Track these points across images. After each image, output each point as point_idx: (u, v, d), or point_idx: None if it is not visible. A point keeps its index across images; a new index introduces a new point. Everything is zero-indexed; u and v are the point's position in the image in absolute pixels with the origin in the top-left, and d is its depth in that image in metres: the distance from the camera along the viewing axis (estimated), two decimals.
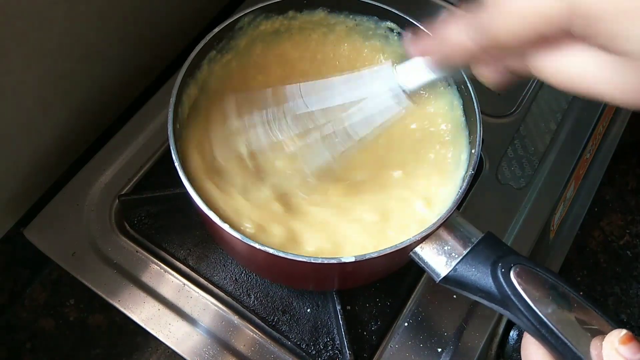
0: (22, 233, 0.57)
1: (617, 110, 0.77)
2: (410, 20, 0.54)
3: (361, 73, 0.45)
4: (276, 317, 0.55)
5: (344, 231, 0.49)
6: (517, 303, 0.38)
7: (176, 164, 0.44)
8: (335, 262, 0.41)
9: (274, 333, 0.55)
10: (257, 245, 0.41)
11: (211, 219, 0.42)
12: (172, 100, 0.47)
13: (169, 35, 0.69)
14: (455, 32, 0.34)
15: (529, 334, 0.39)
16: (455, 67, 0.41)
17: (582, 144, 0.68)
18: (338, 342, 0.54)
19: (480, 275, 0.41)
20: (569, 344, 0.36)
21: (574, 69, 0.29)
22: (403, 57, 0.43)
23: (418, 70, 0.41)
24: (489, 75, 0.36)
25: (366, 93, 0.44)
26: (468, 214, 0.60)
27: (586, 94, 0.29)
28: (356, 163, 0.53)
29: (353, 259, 0.41)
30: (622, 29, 0.25)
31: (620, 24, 0.25)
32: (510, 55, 0.33)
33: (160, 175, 0.62)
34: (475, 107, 0.49)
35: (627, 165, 0.83)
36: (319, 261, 0.41)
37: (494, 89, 0.37)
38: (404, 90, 0.42)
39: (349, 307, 0.56)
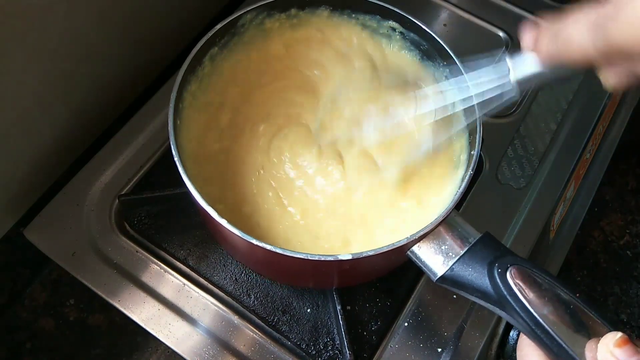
0: (22, 233, 0.57)
1: (617, 110, 0.77)
2: (412, 19, 0.54)
3: (481, 69, 0.44)
4: (276, 317, 0.55)
5: (348, 229, 0.49)
6: (513, 304, 0.38)
7: (176, 159, 0.44)
8: (332, 259, 0.41)
9: (274, 333, 0.55)
10: (254, 242, 0.41)
11: (210, 215, 0.42)
12: (173, 96, 0.47)
13: (169, 35, 0.69)
14: (575, 32, 0.31)
15: (525, 334, 0.39)
16: (568, 67, 0.37)
17: (582, 144, 0.68)
18: (338, 342, 0.54)
19: (477, 275, 0.41)
20: (564, 345, 0.36)
21: None
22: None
23: (529, 64, 0.39)
24: (613, 80, 0.34)
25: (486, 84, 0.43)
26: (468, 214, 0.61)
27: None
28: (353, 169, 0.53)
29: (350, 257, 0.41)
30: None
31: None
32: (636, 61, 0.31)
33: (160, 175, 0.62)
34: (475, 107, 0.49)
35: (627, 165, 0.83)
36: (316, 258, 0.41)
37: (612, 91, 0.35)
38: (511, 80, 0.40)
39: (349, 307, 0.56)
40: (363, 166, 0.52)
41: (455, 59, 0.51)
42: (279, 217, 0.50)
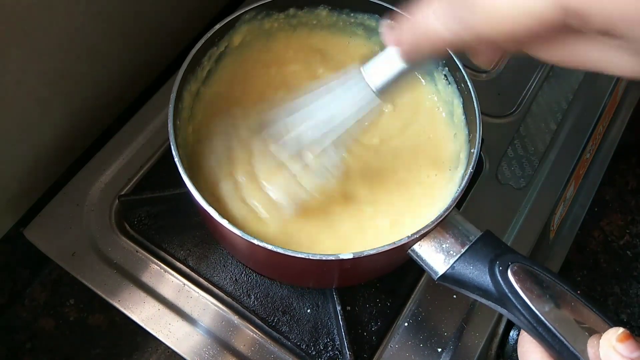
0: (22, 233, 0.57)
1: (617, 110, 0.77)
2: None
3: (330, 85, 0.43)
4: (276, 318, 0.55)
5: (352, 233, 0.49)
6: (515, 301, 0.38)
7: (176, 159, 0.44)
8: (333, 258, 0.41)
9: (274, 333, 0.55)
10: (255, 241, 0.41)
11: (210, 215, 0.42)
12: (173, 96, 0.47)
13: (169, 35, 0.69)
14: (429, 18, 0.31)
15: (526, 331, 0.39)
16: (427, 57, 0.37)
17: (582, 144, 0.68)
18: (338, 342, 0.54)
19: (478, 273, 0.41)
20: (565, 342, 0.36)
21: (576, 56, 0.29)
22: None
23: (387, 64, 0.38)
24: (478, 58, 0.34)
25: (341, 103, 0.42)
26: (468, 214, 0.60)
27: (592, 70, 0.29)
28: (354, 171, 0.53)
29: (351, 256, 0.41)
30: (616, 19, 0.24)
31: (613, 15, 0.24)
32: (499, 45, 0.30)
33: (160, 176, 0.62)
34: (475, 106, 0.49)
35: (627, 165, 0.83)
36: (317, 257, 0.41)
37: (486, 67, 0.35)
38: (372, 90, 0.40)
39: (349, 308, 0.56)
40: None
41: (461, 67, 0.50)
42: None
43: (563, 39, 0.28)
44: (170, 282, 0.56)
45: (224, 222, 0.42)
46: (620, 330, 0.33)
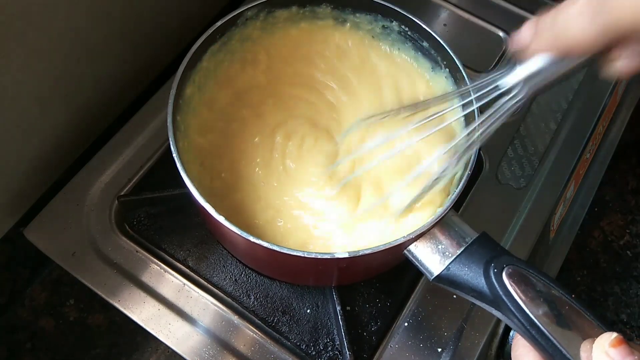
0: (22, 233, 0.57)
1: (617, 110, 0.77)
2: (413, 19, 0.54)
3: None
4: (276, 318, 0.55)
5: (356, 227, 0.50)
6: (509, 303, 0.38)
7: (176, 159, 0.44)
8: (329, 257, 0.41)
9: (274, 333, 0.55)
10: (252, 239, 0.41)
11: (210, 214, 0.42)
12: (172, 95, 0.47)
13: (169, 35, 0.69)
14: (572, 17, 0.30)
15: (520, 334, 0.39)
16: (570, 58, 0.35)
17: (582, 144, 0.68)
18: (338, 342, 0.54)
19: (473, 275, 0.41)
20: (559, 345, 0.36)
21: None
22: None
23: (533, 62, 0.37)
24: (613, 62, 0.32)
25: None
26: (468, 214, 0.61)
27: None
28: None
29: (347, 255, 0.41)
30: None
31: None
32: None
33: (160, 176, 0.62)
34: (475, 106, 0.49)
35: (627, 165, 0.83)
36: (313, 256, 0.41)
37: (621, 77, 0.33)
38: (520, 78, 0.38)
39: (348, 308, 0.56)
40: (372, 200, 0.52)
41: (461, 67, 0.50)
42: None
43: None
44: (170, 282, 0.56)
45: (221, 219, 0.42)
46: (614, 335, 0.33)
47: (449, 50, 0.52)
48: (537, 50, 0.35)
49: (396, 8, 0.55)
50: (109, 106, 0.66)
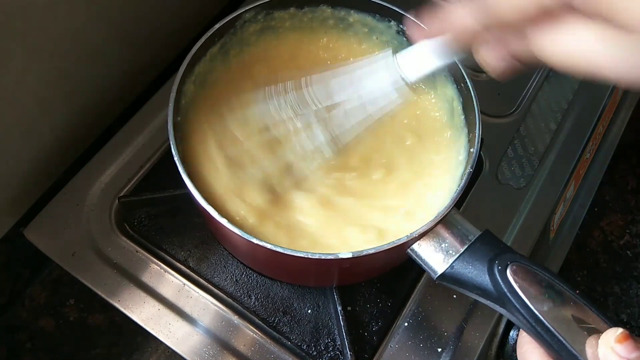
0: (22, 233, 0.57)
1: (617, 110, 0.77)
2: (413, 19, 0.54)
3: (361, 64, 0.45)
4: (277, 318, 0.55)
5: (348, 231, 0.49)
6: (514, 300, 0.38)
7: (176, 159, 0.44)
8: (333, 257, 0.41)
9: (275, 333, 0.55)
10: (254, 240, 0.41)
11: (210, 214, 0.42)
12: (172, 95, 0.47)
13: (169, 36, 0.69)
14: (457, 12, 0.34)
15: (525, 331, 0.39)
16: (458, 50, 0.39)
17: (582, 144, 0.68)
18: (339, 342, 0.54)
19: (477, 273, 0.41)
20: (564, 342, 0.36)
21: (576, 46, 0.29)
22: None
23: (420, 58, 0.41)
24: (492, 61, 0.35)
25: (368, 84, 0.44)
26: (468, 214, 0.60)
27: (589, 72, 0.29)
28: (353, 164, 0.53)
29: (350, 255, 0.41)
30: (620, 1, 0.25)
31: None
32: (512, 36, 0.33)
33: (160, 176, 0.62)
34: (475, 105, 0.49)
35: (627, 165, 0.83)
36: (316, 257, 0.41)
37: (497, 77, 0.36)
38: (404, 81, 0.42)
39: (349, 308, 0.56)
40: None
41: (461, 67, 0.51)
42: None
43: (565, 24, 0.29)
44: (170, 282, 0.56)
45: (224, 221, 0.42)
46: (619, 330, 0.33)
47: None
48: (431, 34, 0.39)
49: (395, 8, 0.55)
50: (109, 106, 0.66)
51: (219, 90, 0.56)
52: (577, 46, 0.29)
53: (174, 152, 0.45)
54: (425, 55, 0.40)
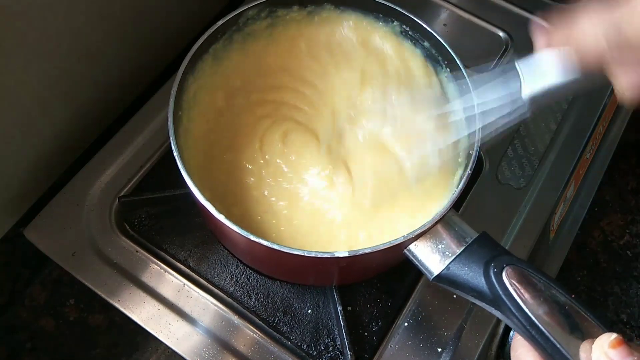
0: (22, 233, 0.57)
1: (617, 110, 0.77)
2: (414, 18, 0.54)
3: (487, 77, 0.42)
4: (277, 318, 0.55)
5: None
6: (508, 303, 0.39)
7: (176, 159, 0.44)
8: (329, 256, 0.41)
9: (275, 333, 0.55)
10: (253, 238, 0.41)
11: (210, 212, 0.42)
12: (173, 95, 0.47)
13: (169, 35, 0.69)
14: (588, 26, 0.31)
15: (519, 334, 0.39)
16: (586, 67, 0.35)
17: (582, 144, 0.68)
18: (339, 342, 0.54)
19: (473, 275, 0.42)
20: (558, 346, 0.36)
21: None
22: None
23: (540, 69, 0.37)
24: (625, 85, 0.33)
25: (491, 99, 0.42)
26: (468, 214, 0.61)
27: None
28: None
29: (347, 254, 0.41)
30: None
31: None
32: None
33: (161, 176, 0.62)
34: (475, 105, 0.49)
35: (627, 165, 0.83)
36: (313, 255, 0.41)
37: (627, 99, 0.33)
38: (525, 97, 0.39)
39: (349, 308, 0.56)
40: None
41: (461, 67, 0.50)
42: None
43: None
44: (170, 282, 0.56)
45: (221, 218, 0.42)
46: (613, 335, 0.33)
47: (449, 50, 0.52)
48: (555, 44, 0.36)
49: (397, 8, 0.55)
50: (109, 106, 0.66)
51: (220, 90, 0.56)
52: None
53: (174, 151, 0.45)
54: (546, 66, 0.37)
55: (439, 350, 0.54)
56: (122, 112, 0.67)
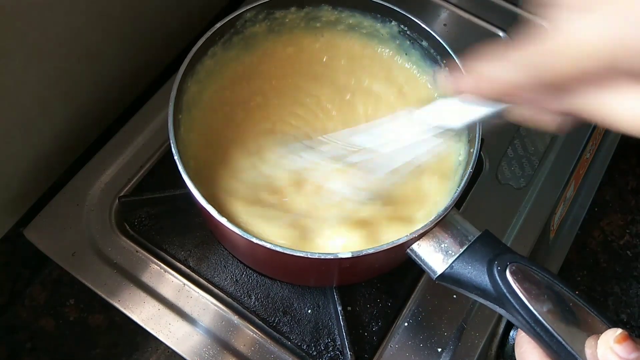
0: (22, 233, 0.57)
1: None
2: (413, 18, 0.54)
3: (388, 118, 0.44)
4: (277, 318, 0.55)
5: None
6: (513, 301, 0.38)
7: (176, 159, 0.44)
8: (332, 257, 0.41)
9: (275, 333, 0.55)
10: (254, 240, 0.41)
11: (210, 214, 0.42)
12: (173, 95, 0.47)
13: (169, 35, 0.69)
14: (498, 69, 0.31)
15: (524, 332, 0.39)
16: (496, 104, 0.36)
17: (582, 144, 0.68)
18: (339, 342, 0.54)
19: (476, 273, 0.41)
20: (563, 342, 0.36)
21: (627, 109, 0.27)
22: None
23: (460, 108, 0.38)
24: (544, 123, 0.33)
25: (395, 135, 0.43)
26: (468, 214, 0.61)
27: (623, 127, 0.28)
28: None
29: (350, 255, 0.41)
30: None
31: None
32: (558, 95, 0.30)
33: (161, 176, 0.62)
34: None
35: (627, 165, 0.83)
36: (316, 256, 0.41)
37: (554, 132, 0.33)
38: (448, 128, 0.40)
39: (349, 308, 0.56)
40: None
41: (461, 67, 0.50)
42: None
43: (614, 87, 0.27)
44: (170, 282, 0.56)
45: (223, 221, 0.42)
46: (619, 331, 0.33)
47: (449, 50, 0.52)
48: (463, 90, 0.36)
49: (396, 8, 0.55)
50: (109, 106, 0.66)
51: (220, 90, 0.56)
52: (628, 109, 0.27)
53: (174, 151, 0.45)
54: (459, 107, 0.38)
55: (439, 350, 0.54)
56: (122, 112, 0.67)
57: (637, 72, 0.26)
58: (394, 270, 0.56)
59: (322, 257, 0.41)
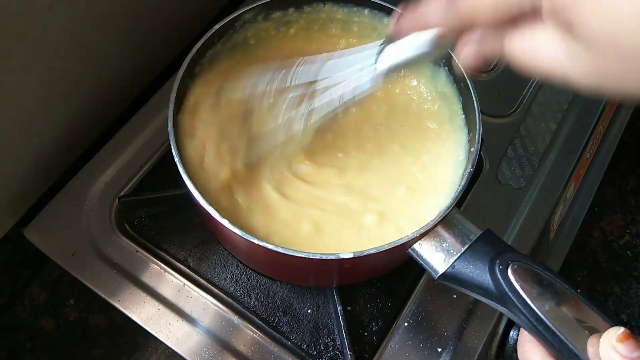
0: (22, 233, 0.57)
1: (617, 110, 0.77)
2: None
3: (352, 50, 0.46)
4: (277, 318, 0.55)
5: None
6: (515, 300, 0.38)
7: (176, 159, 0.44)
8: (334, 257, 0.41)
9: (275, 333, 0.55)
10: (255, 240, 0.41)
11: (211, 215, 0.42)
12: (173, 95, 0.47)
13: (169, 35, 0.69)
14: (432, 9, 0.35)
15: (526, 330, 0.39)
16: (434, 44, 0.39)
17: (582, 144, 0.68)
18: (339, 342, 0.54)
19: (478, 272, 0.41)
20: (566, 341, 0.36)
21: (540, 50, 0.30)
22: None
23: (396, 50, 0.41)
24: (465, 55, 0.36)
25: (348, 70, 0.45)
26: (468, 214, 0.60)
27: (549, 76, 0.30)
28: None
29: (351, 255, 0.41)
30: (576, 14, 0.26)
31: (575, 9, 0.26)
32: (483, 34, 0.33)
33: (161, 176, 0.62)
34: (475, 106, 0.49)
35: (627, 165, 0.83)
36: (317, 257, 0.41)
37: (470, 71, 0.38)
38: (376, 70, 0.43)
39: (349, 308, 0.56)
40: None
41: (460, 67, 0.50)
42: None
43: (532, 28, 0.30)
44: (170, 282, 0.56)
45: (225, 222, 0.42)
46: (621, 329, 0.33)
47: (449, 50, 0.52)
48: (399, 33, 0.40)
49: (394, 8, 0.55)
50: (109, 106, 0.66)
51: (220, 88, 0.56)
52: (541, 51, 0.30)
53: (174, 152, 0.45)
54: (401, 47, 0.41)
55: (439, 350, 0.54)
56: (122, 112, 0.67)
57: (554, 17, 0.28)
58: (393, 270, 0.56)
59: (324, 257, 0.41)
